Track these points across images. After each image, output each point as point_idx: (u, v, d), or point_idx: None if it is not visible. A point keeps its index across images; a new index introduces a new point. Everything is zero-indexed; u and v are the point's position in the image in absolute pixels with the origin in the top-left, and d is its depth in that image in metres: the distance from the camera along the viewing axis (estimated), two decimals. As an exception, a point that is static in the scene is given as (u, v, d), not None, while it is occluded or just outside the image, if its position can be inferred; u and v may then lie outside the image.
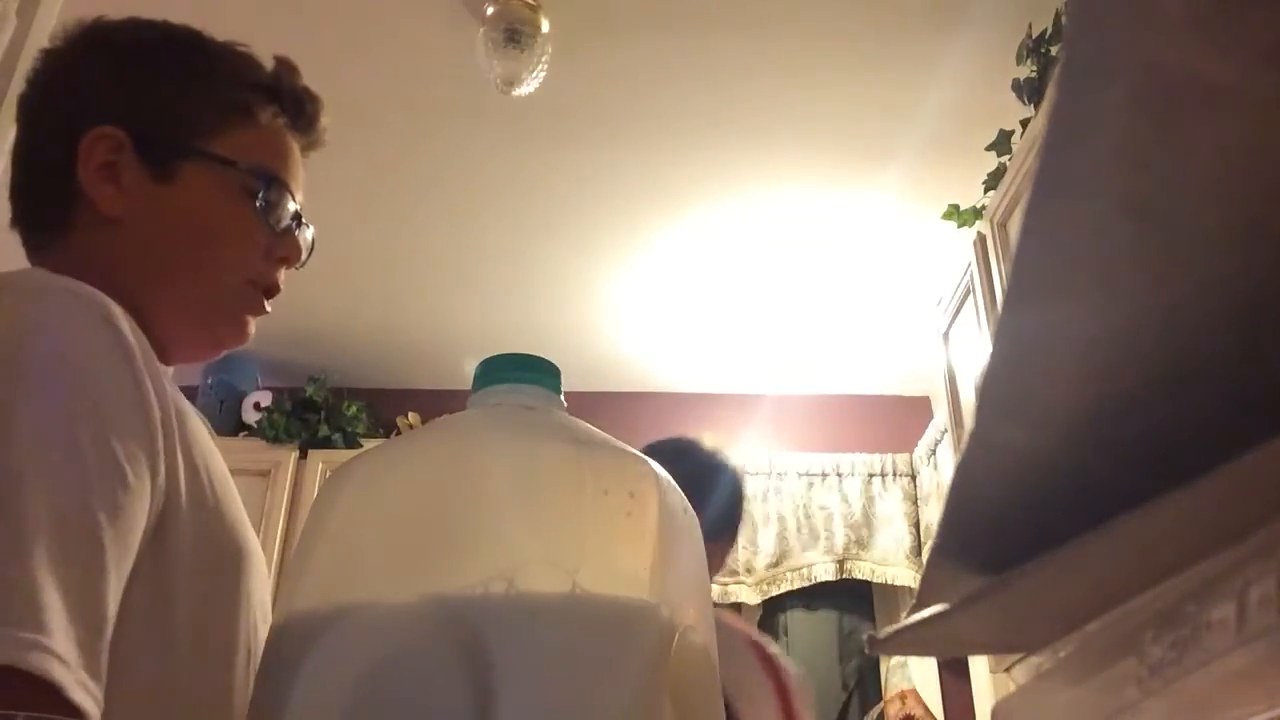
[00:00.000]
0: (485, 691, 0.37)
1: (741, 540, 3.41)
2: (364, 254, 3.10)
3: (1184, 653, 0.26)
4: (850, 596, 3.54)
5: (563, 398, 0.51)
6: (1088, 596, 0.30)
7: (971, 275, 2.32)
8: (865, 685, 3.45)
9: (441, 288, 3.26)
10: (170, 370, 0.73)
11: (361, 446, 3.41)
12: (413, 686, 0.38)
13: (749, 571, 3.37)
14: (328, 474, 3.34)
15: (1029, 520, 0.29)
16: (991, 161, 2.30)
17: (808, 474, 3.50)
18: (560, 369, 0.51)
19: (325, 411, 3.46)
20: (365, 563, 0.43)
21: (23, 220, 0.77)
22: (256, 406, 3.49)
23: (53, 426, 0.54)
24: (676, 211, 2.87)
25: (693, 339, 3.45)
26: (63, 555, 0.50)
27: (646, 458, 0.48)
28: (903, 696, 3.22)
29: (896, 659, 3.32)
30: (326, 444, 3.39)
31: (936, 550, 0.33)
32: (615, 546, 0.44)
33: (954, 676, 3.19)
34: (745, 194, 2.80)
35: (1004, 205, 2.18)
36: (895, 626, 0.34)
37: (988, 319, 2.22)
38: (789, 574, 3.35)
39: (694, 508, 0.50)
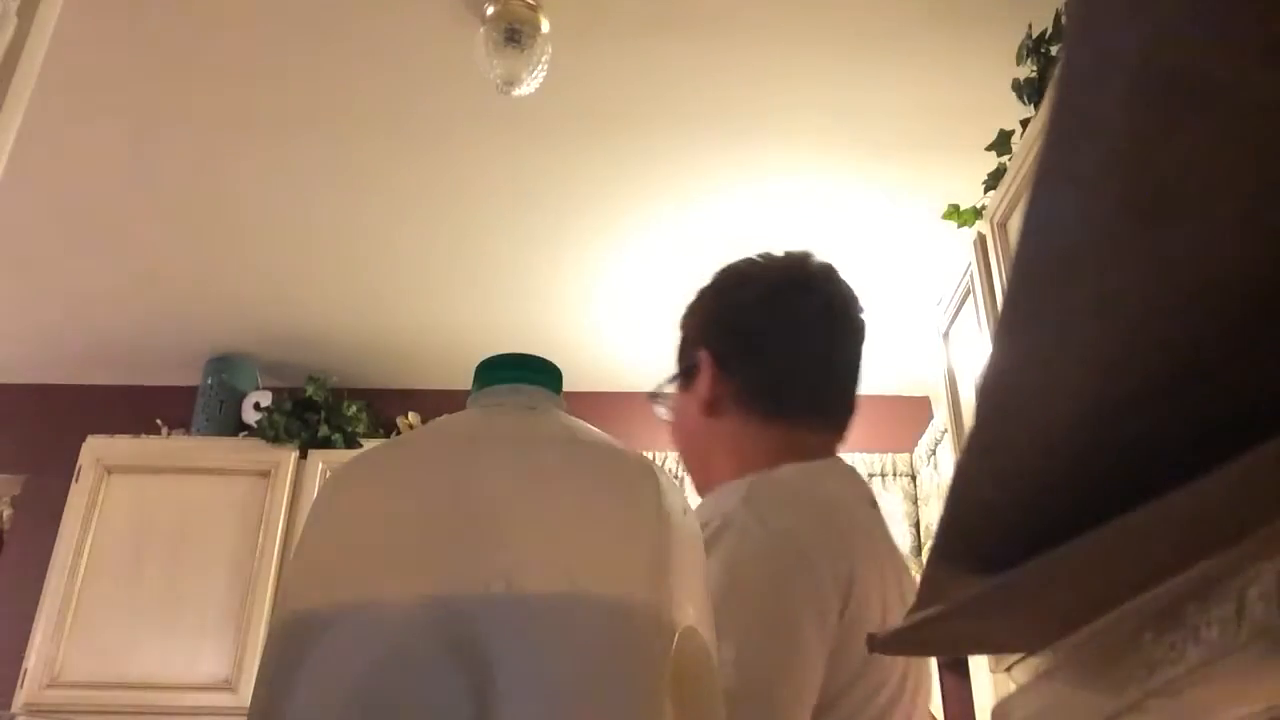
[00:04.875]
0: (485, 691, 0.37)
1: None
2: (364, 254, 3.10)
3: (1184, 653, 0.26)
4: (850, 596, 3.53)
5: (563, 398, 0.51)
6: (1088, 596, 0.30)
7: (971, 275, 2.32)
8: (865, 685, 3.45)
9: (441, 288, 3.26)
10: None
11: (361, 446, 3.42)
12: (412, 686, 0.38)
13: (749, 571, 3.36)
14: (328, 474, 3.34)
15: (1029, 520, 0.29)
16: (991, 161, 2.31)
17: (808, 474, 3.49)
18: (561, 369, 0.51)
19: (325, 411, 3.46)
20: (365, 562, 0.44)
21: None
22: (256, 406, 3.49)
23: None
24: (677, 211, 2.87)
25: (693, 339, 3.45)
26: None
27: (647, 458, 0.48)
28: (903, 696, 3.21)
29: (896, 659, 3.31)
30: (326, 444, 3.39)
31: (936, 551, 0.33)
32: (615, 546, 0.44)
33: (954, 676, 3.19)
34: (745, 194, 2.81)
35: (1004, 205, 2.18)
36: (895, 626, 0.34)
37: (988, 319, 2.22)
38: (789, 574, 3.35)
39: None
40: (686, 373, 1.14)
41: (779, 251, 1.16)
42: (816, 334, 1.10)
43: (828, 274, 1.14)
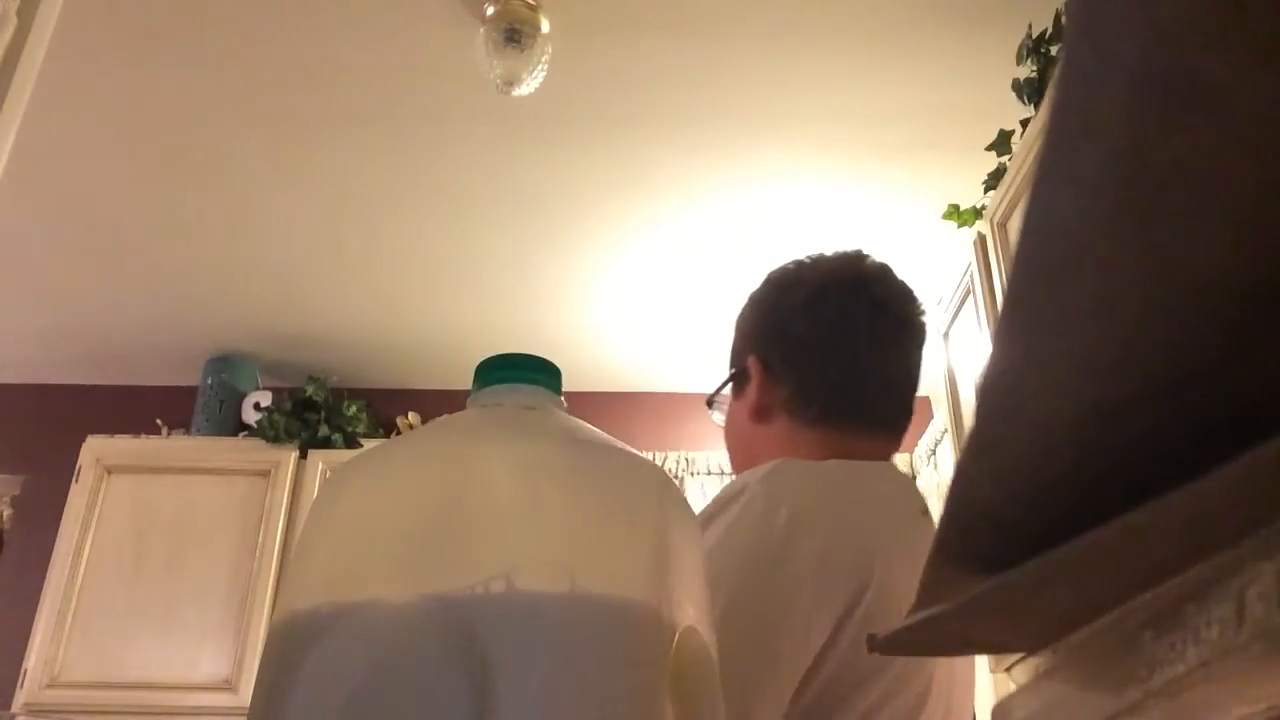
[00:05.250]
0: (485, 691, 0.37)
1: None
2: (363, 254, 3.10)
3: (1184, 653, 0.26)
4: (850, 596, 3.53)
5: (562, 398, 0.51)
6: (1088, 596, 0.30)
7: (971, 275, 2.32)
8: (865, 685, 3.45)
9: (441, 288, 3.26)
10: None
11: (361, 446, 3.42)
12: (412, 686, 0.38)
13: (749, 571, 3.36)
14: (328, 474, 3.32)
15: (1029, 520, 0.29)
16: (991, 161, 2.31)
17: (808, 474, 3.49)
18: (561, 369, 0.51)
19: (325, 411, 3.46)
20: (366, 562, 0.44)
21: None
22: (256, 406, 3.49)
23: None
24: (677, 211, 2.87)
25: (693, 339, 3.45)
26: None
27: (647, 459, 0.48)
28: (903, 696, 3.21)
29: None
30: (326, 444, 3.39)
31: (937, 551, 0.33)
32: (615, 546, 0.44)
33: (954, 676, 3.18)
34: (745, 194, 2.80)
35: (1004, 205, 2.18)
36: (895, 626, 0.34)
37: (988, 319, 2.22)
38: (789, 574, 3.35)
39: None
40: (737, 378, 1.11)
41: (830, 252, 1.13)
42: (865, 337, 1.06)
43: (880, 274, 1.10)
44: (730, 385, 1.12)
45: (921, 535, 0.99)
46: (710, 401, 1.16)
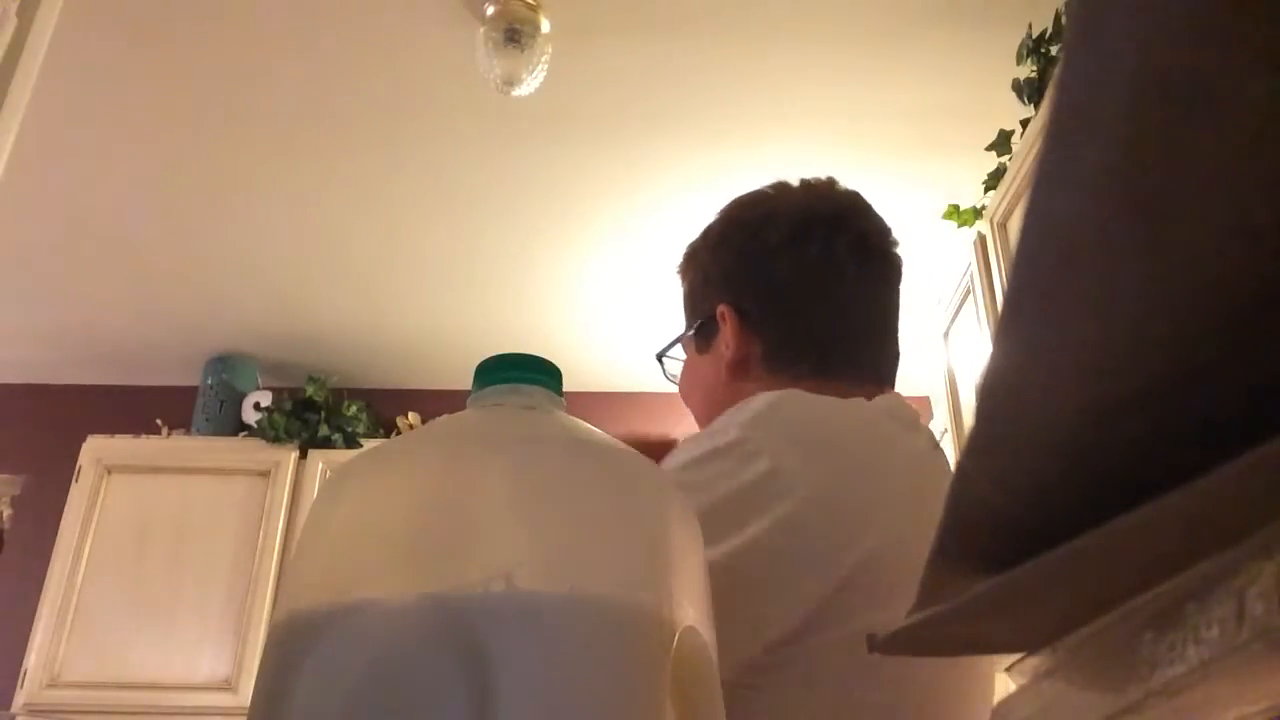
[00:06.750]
0: (484, 691, 0.37)
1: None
2: (364, 254, 3.10)
3: (1184, 653, 0.26)
4: (850, 596, 3.53)
5: (563, 398, 0.51)
6: (1088, 596, 0.30)
7: (971, 275, 2.32)
8: (865, 685, 3.44)
9: (441, 288, 3.26)
10: None
11: (361, 446, 3.42)
12: (412, 686, 0.38)
13: (749, 571, 3.36)
14: (328, 474, 3.33)
15: (1029, 520, 0.29)
16: (991, 161, 2.31)
17: (808, 474, 3.49)
18: (560, 369, 0.51)
19: (325, 411, 3.47)
20: (365, 562, 0.44)
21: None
22: (256, 406, 3.49)
23: None
24: (675, 212, 2.88)
25: (693, 339, 3.45)
26: None
27: (646, 458, 0.48)
28: (903, 696, 3.21)
29: (896, 659, 3.30)
30: (326, 444, 3.39)
31: (936, 551, 0.33)
32: (615, 546, 0.44)
33: (954, 676, 3.18)
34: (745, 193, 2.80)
35: (1004, 205, 2.18)
36: (895, 626, 0.34)
37: (988, 319, 2.22)
38: (789, 574, 3.34)
39: None
40: (702, 329, 0.98)
41: (795, 181, 0.99)
42: (854, 280, 0.94)
43: (859, 206, 0.98)
44: (692, 337, 0.99)
45: (934, 470, 0.88)
46: (661, 355, 1.04)
